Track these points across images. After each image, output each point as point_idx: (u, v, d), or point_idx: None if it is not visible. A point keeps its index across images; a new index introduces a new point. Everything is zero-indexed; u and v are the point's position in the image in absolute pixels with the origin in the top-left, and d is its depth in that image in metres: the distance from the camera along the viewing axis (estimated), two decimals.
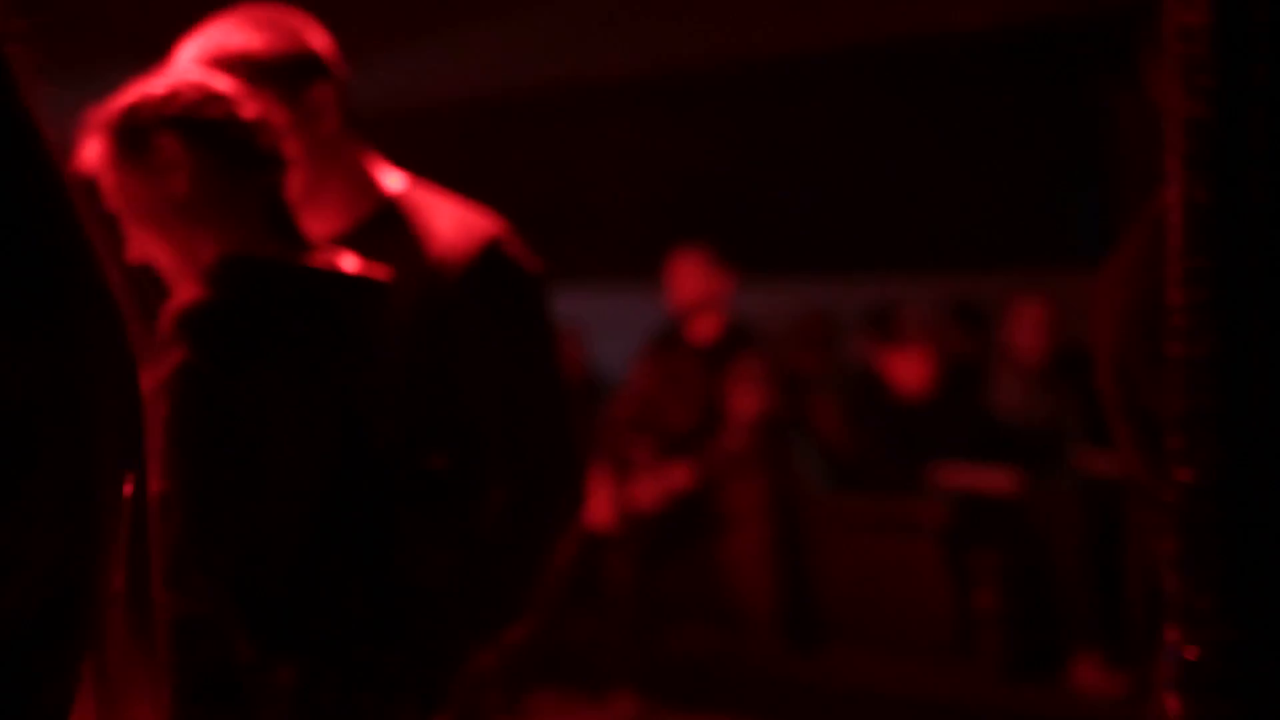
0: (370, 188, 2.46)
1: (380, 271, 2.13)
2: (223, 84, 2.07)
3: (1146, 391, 2.11)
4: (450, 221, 2.44)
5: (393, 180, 2.49)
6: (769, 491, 6.23)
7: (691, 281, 6.35)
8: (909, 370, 6.35)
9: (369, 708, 2.01)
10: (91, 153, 2.02)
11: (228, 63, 2.30)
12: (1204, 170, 1.23)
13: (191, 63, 2.30)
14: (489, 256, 2.41)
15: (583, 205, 7.72)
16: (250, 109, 2.05)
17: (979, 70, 7.34)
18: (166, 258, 2.04)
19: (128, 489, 1.04)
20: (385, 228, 2.41)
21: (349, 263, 2.10)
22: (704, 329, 6.33)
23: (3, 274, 0.96)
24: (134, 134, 1.98)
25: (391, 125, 2.47)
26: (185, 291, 1.98)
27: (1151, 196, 2.12)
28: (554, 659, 5.87)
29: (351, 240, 2.37)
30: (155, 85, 2.05)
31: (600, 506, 5.91)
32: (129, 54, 2.36)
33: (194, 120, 2.00)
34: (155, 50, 2.24)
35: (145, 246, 2.03)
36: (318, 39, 2.43)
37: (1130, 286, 2.17)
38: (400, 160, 2.58)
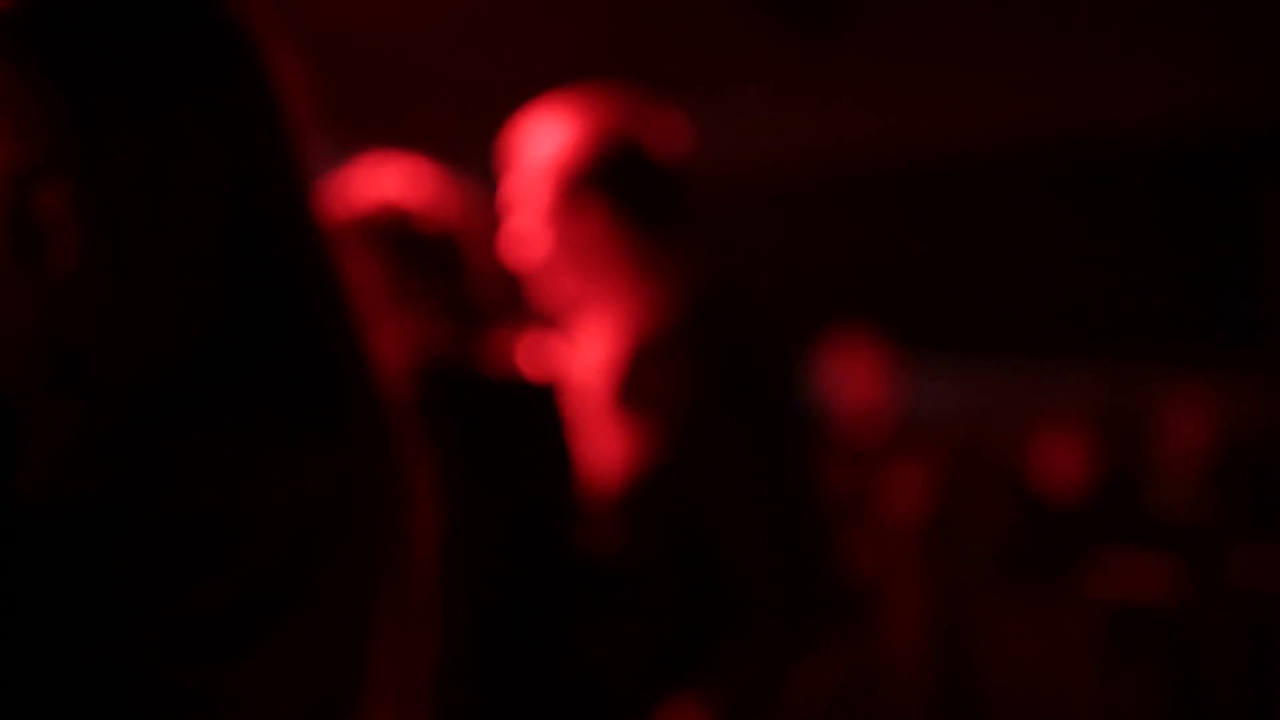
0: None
1: (553, 374, 2.16)
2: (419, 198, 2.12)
3: None
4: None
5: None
6: (928, 580, 6.11)
7: (847, 364, 6.32)
8: (1066, 464, 6.34)
9: None
10: None
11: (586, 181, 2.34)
12: None
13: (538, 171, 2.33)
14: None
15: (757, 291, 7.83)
16: (439, 223, 2.12)
17: (1146, 168, 7.36)
18: None
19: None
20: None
21: (530, 366, 2.14)
22: (865, 410, 6.32)
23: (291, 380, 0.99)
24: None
25: None
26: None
27: None
28: None
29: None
30: (361, 196, 2.09)
31: None
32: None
33: (392, 235, 2.06)
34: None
35: None
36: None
37: None
38: None
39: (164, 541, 0.89)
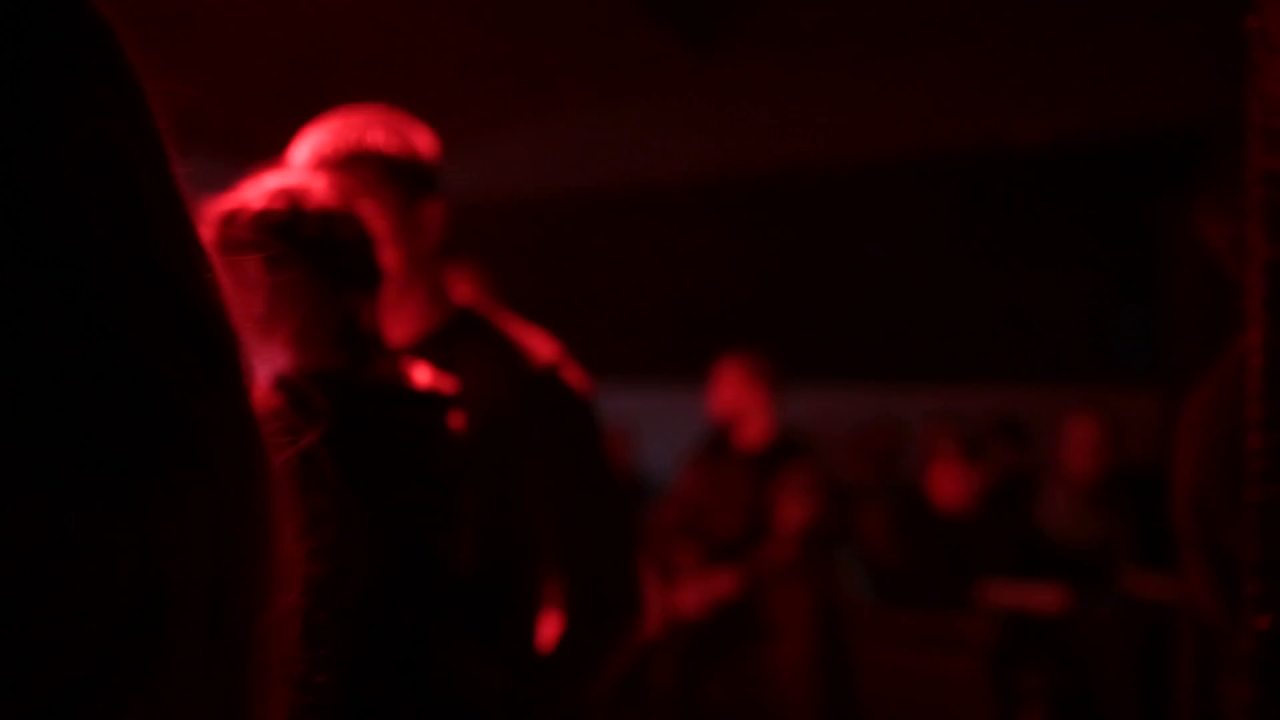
0: (445, 298, 2.50)
1: (448, 384, 2.13)
2: (324, 194, 2.04)
3: (1223, 527, 2.09)
4: (512, 341, 2.48)
5: (459, 292, 2.54)
6: (814, 601, 6.18)
7: (731, 390, 6.34)
8: (950, 484, 6.31)
9: None
10: None
11: (360, 158, 2.33)
12: None
13: (311, 160, 2.32)
14: (548, 380, 2.44)
15: (634, 306, 7.76)
16: (350, 227, 2.04)
17: (1036, 185, 7.37)
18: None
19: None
20: (455, 338, 2.45)
21: (421, 375, 2.10)
22: (752, 436, 6.31)
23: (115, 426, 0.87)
24: (227, 245, 1.92)
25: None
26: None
27: (1205, 320, 2.12)
28: None
29: (424, 348, 2.41)
30: (254, 194, 2.01)
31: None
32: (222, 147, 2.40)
33: (290, 235, 1.97)
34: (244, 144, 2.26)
35: None
36: (436, 154, 2.47)
37: (1213, 421, 2.15)
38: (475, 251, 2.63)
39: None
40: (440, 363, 2.36)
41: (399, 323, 2.44)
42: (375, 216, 2.30)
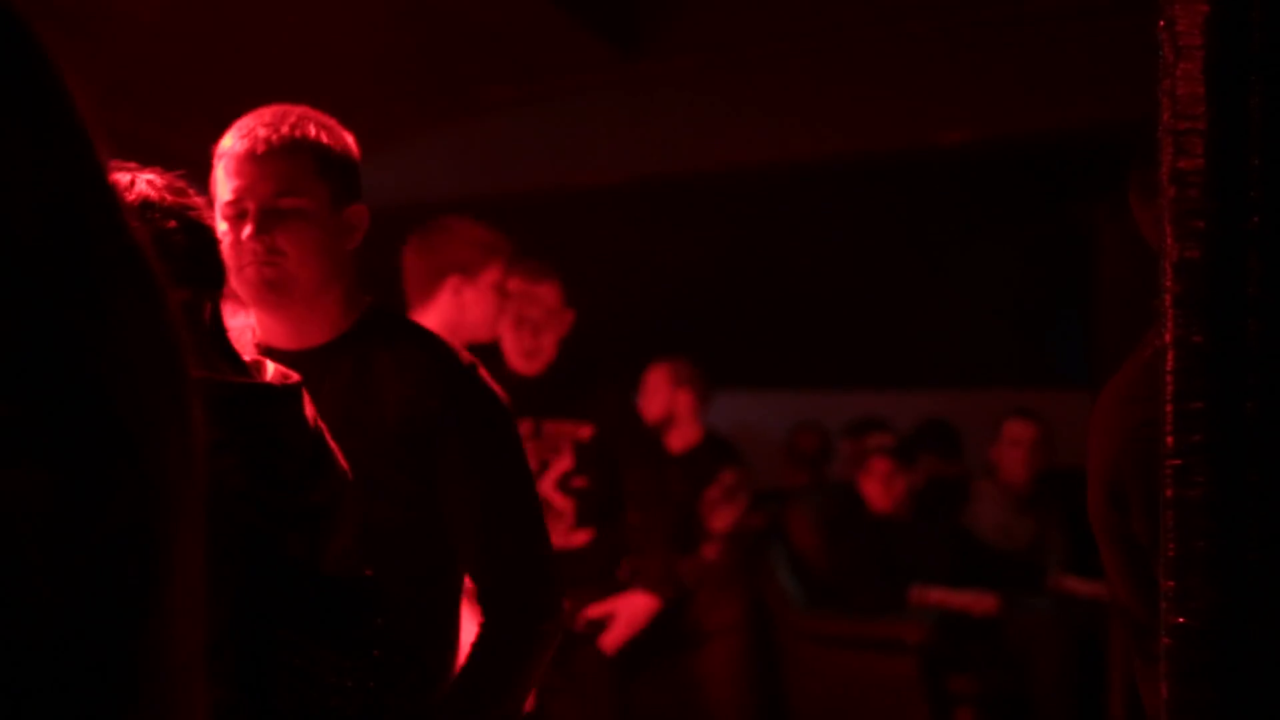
0: (360, 298, 2.48)
1: (294, 378, 2.07)
2: (153, 190, 1.97)
3: (1137, 519, 2.10)
4: (430, 340, 2.46)
5: (367, 295, 2.52)
6: (745, 605, 6.18)
7: (660, 395, 6.34)
8: (879, 488, 6.33)
9: None
10: None
11: (298, 148, 2.31)
12: (1196, 313, 1.23)
13: (246, 147, 2.29)
14: (468, 379, 2.43)
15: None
16: (182, 223, 1.96)
17: (967, 188, 7.41)
18: None
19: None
20: (371, 338, 2.43)
21: (264, 372, 2.05)
22: (681, 440, 6.31)
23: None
24: None
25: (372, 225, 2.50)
26: None
27: (1136, 323, 2.13)
28: None
29: (339, 347, 2.38)
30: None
31: None
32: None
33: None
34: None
35: None
36: (359, 156, 2.45)
37: (1125, 415, 2.16)
38: (386, 260, 2.61)
39: None
40: (356, 362, 2.34)
41: (314, 321, 2.42)
42: (303, 213, 2.28)
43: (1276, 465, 1.21)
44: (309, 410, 2.06)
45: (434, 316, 3.83)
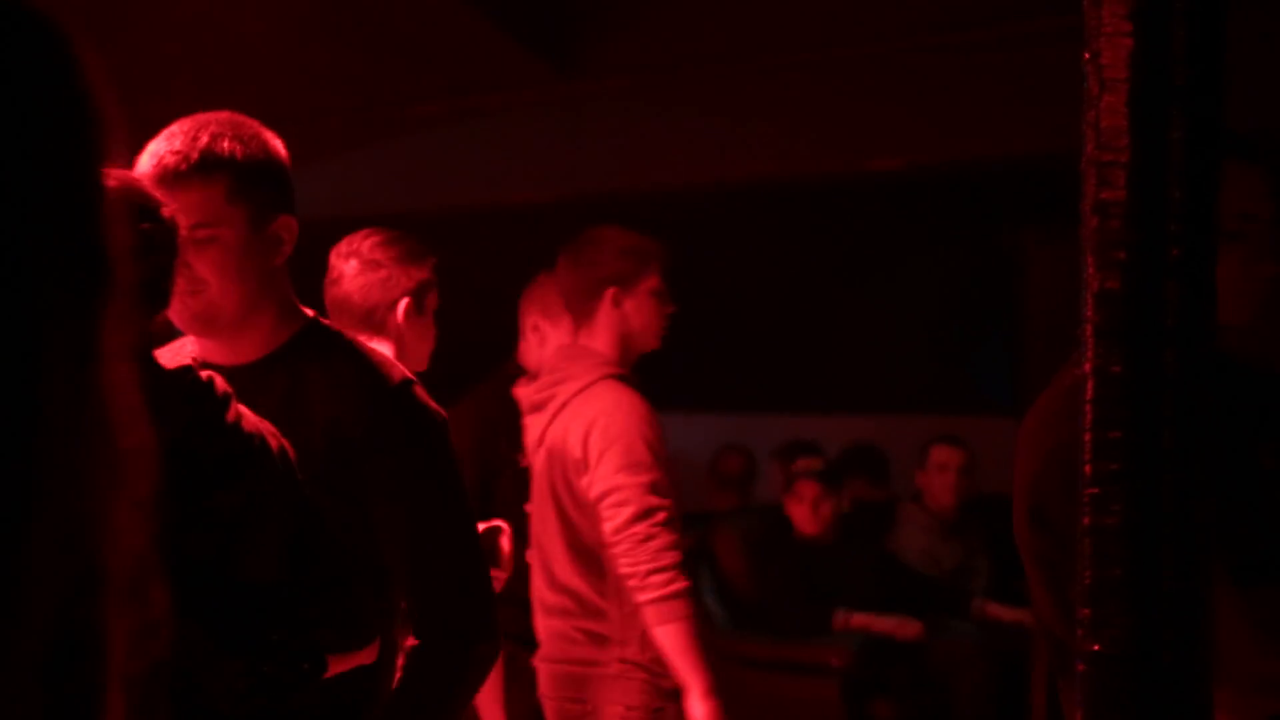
0: (295, 313, 2.45)
1: (220, 384, 2.06)
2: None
3: (1059, 542, 2.11)
4: (363, 357, 2.44)
5: (304, 309, 2.49)
6: None
7: None
8: (806, 511, 6.33)
9: None
10: None
11: (210, 166, 2.27)
12: (1116, 342, 1.24)
13: (155, 170, 2.27)
14: (400, 398, 2.40)
15: (485, 330, 7.71)
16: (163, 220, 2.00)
17: (896, 214, 7.45)
18: None
19: None
20: (303, 354, 2.40)
21: (173, 375, 2.03)
22: None
23: None
24: None
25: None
26: None
27: (1062, 350, 2.14)
28: None
29: (272, 363, 2.36)
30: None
31: None
32: None
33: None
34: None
35: None
36: (289, 165, 2.42)
37: (1050, 437, 2.18)
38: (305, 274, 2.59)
39: None
40: (289, 380, 2.32)
41: (247, 339, 2.40)
42: (220, 241, 2.26)
43: (1192, 494, 1.22)
44: (231, 414, 2.04)
45: (601, 334, 3.80)
